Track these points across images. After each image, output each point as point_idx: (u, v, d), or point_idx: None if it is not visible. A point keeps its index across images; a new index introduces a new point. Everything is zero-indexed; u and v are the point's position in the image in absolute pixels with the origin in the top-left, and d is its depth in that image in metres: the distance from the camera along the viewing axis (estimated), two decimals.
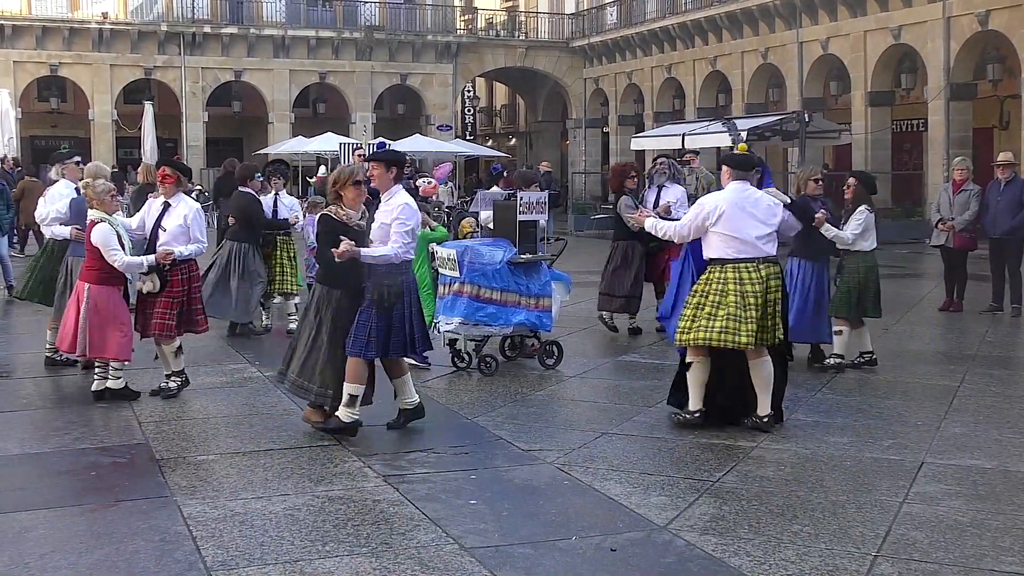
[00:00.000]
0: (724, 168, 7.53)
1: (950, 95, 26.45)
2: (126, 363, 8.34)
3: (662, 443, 7.13)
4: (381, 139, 33.24)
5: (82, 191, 8.68)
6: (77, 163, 10.82)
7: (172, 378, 8.51)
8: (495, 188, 12.05)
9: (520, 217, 9.51)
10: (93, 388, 8.34)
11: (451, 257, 9.42)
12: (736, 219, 7.28)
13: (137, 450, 6.98)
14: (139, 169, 9.09)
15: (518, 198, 9.70)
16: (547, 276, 9.66)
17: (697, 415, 7.39)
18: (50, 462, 6.73)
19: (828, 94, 31.81)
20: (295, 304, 11.85)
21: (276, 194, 11.99)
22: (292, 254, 12.21)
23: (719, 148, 29.88)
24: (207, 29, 37.90)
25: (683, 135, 27.09)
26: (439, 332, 9.44)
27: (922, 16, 27.03)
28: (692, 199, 16.57)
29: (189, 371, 8.72)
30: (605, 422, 7.68)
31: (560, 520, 5.59)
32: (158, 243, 8.33)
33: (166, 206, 8.44)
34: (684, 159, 17.59)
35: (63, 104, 40.20)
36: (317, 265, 15.22)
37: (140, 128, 34.22)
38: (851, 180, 9.90)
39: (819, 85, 31.59)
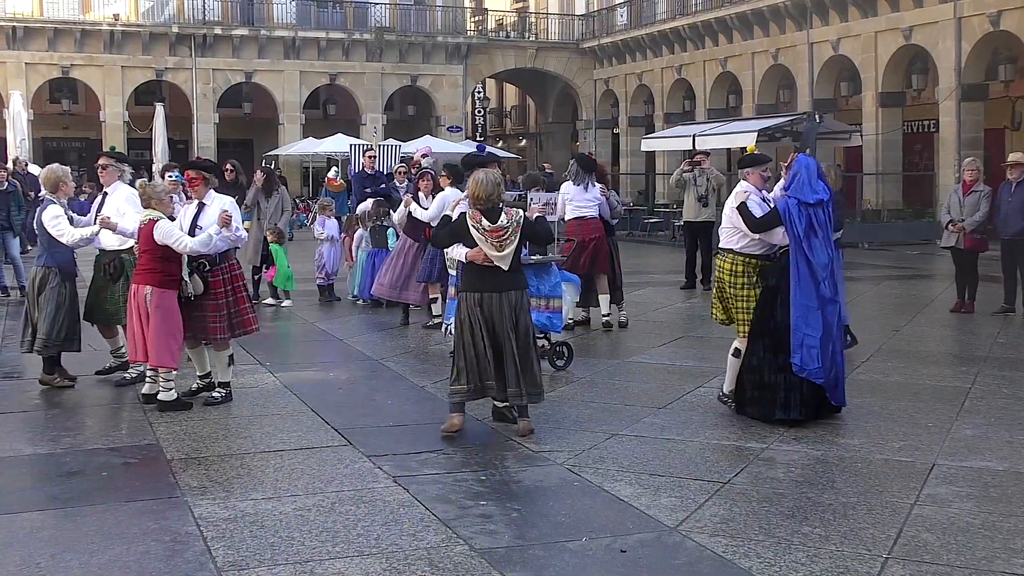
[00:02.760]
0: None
1: (961, 96, 26.36)
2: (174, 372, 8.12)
3: (672, 444, 7.12)
4: (392, 140, 33.40)
5: (139, 192, 8.42)
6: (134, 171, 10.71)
7: (219, 388, 8.35)
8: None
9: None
10: (145, 391, 8.23)
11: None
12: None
13: (148, 450, 7.00)
14: (137, 184, 8.96)
15: (528, 199, 9.69)
16: (557, 277, 9.65)
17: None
18: (61, 462, 6.75)
19: (839, 95, 31.75)
20: None
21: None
22: None
23: (729, 149, 29.92)
24: (218, 31, 37.98)
25: (694, 136, 27.07)
26: (450, 333, 9.43)
27: (933, 16, 26.95)
28: (703, 200, 16.69)
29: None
30: (615, 423, 7.67)
31: (570, 521, 5.59)
32: None
33: (201, 206, 8.39)
34: (695, 160, 17.56)
35: (75, 106, 40.30)
36: (327, 265, 15.26)
37: (151, 130, 34.41)
38: None
39: (830, 86, 31.52)
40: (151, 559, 5.01)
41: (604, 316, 11.94)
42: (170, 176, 10.50)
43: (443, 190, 11.25)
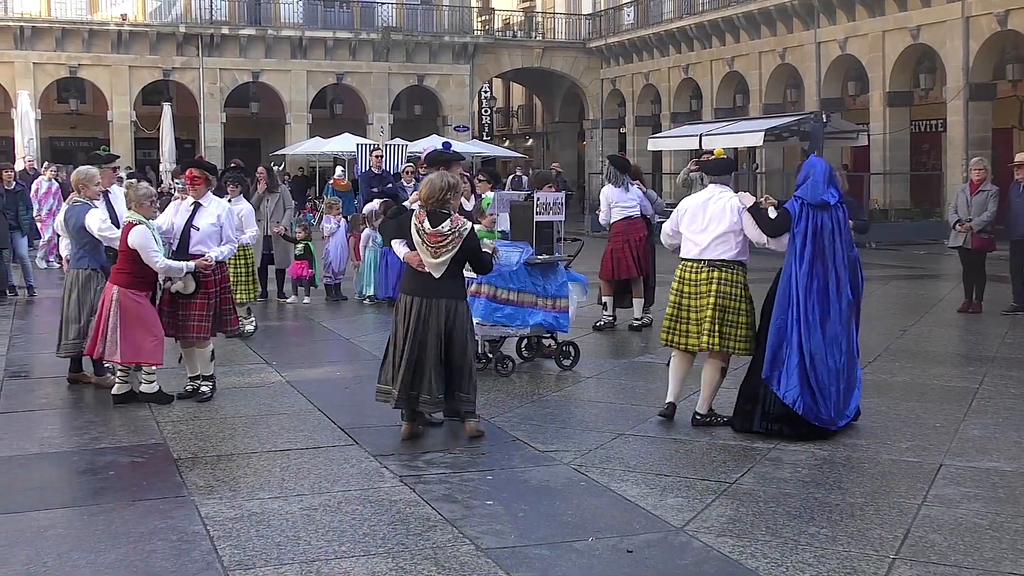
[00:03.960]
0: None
1: (969, 95, 26.30)
2: (157, 367, 8.26)
3: (679, 444, 7.11)
4: (399, 139, 33.42)
5: (123, 192, 8.48)
6: (115, 168, 10.55)
7: (205, 381, 8.48)
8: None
9: (537, 218, 9.51)
10: (115, 392, 8.27)
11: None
12: (692, 219, 7.51)
13: (155, 450, 7.01)
14: (124, 184, 8.96)
15: (535, 199, 9.69)
16: (564, 277, 9.66)
17: (667, 408, 7.68)
18: (68, 462, 6.77)
19: (846, 94, 31.68)
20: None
21: (229, 200, 11.07)
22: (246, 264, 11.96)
23: (736, 149, 29.88)
24: (225, 30, 38.02)
25: (700, 135, 27.04)
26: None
27: (941, 16, 26.89)
28: None
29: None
30: (622, 423, 7.66)
31: (576, 521, 5.58)
32: (191, 243, 8.37)
33: (197, 206, 8.47)
34: (702, 159, 17.54)
35: (82, 105, 40.41)
36: (333, 267, 15.26)
37: (159, 129, 34.47)
38: None
39: (837, 85, 31.46)
40: (158, 558, 5.01)
41: (636, 319, 11.97)
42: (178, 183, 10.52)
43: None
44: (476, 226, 10.99)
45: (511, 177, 30.90)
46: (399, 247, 7.31)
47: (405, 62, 40.21)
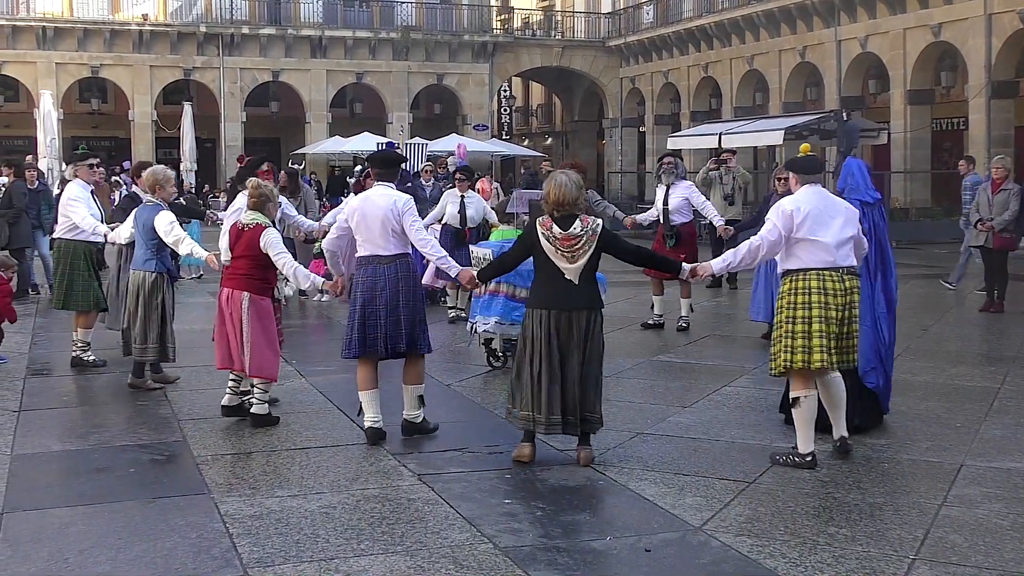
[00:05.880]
0: (791, 174, 6.97)
1: (991, 93, 26.15)
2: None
3: (697, 444, 7.09)
4: (418, 139, 33.47)
5: (247, 193, 7.72)
6: (91, 165, 10.24)
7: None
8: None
9: None
10: (225, 403, 7.72)
11: (486, 257, 9.43)
12: (818, 224, 6.55)
13: (175, 447, 7.05)
14: (249, 183, 8.48)
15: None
16: None
17: (810, 458, 6.49)
18: (89, 459, 6.81)
19: (867, 93, 31.56)
20: None
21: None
22: None
23: (755, 147, 29.79)
24: (245, 30, 38.19)
25: (720, 134, 26.97)
26: (475, 332, 9.46)
27: (963, 13, 26.75)
28: (729, 199, 16.64)
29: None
30: (640, 422, 7.65)
31: (594, 520, 5.58)
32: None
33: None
34: (721, 158, 17.53)
35: (104, 105, 40.69)
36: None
37: (179, 128, 34.68)
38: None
39: (858, 84, 31.33)
40: (178, 555, 5.04)
41: (682, 318, 11.98)
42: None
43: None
44: (503, 226, 11.06)
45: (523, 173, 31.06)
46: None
47: (424, 61, 40.29)
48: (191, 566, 4.92)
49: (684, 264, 7.12)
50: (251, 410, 7.54)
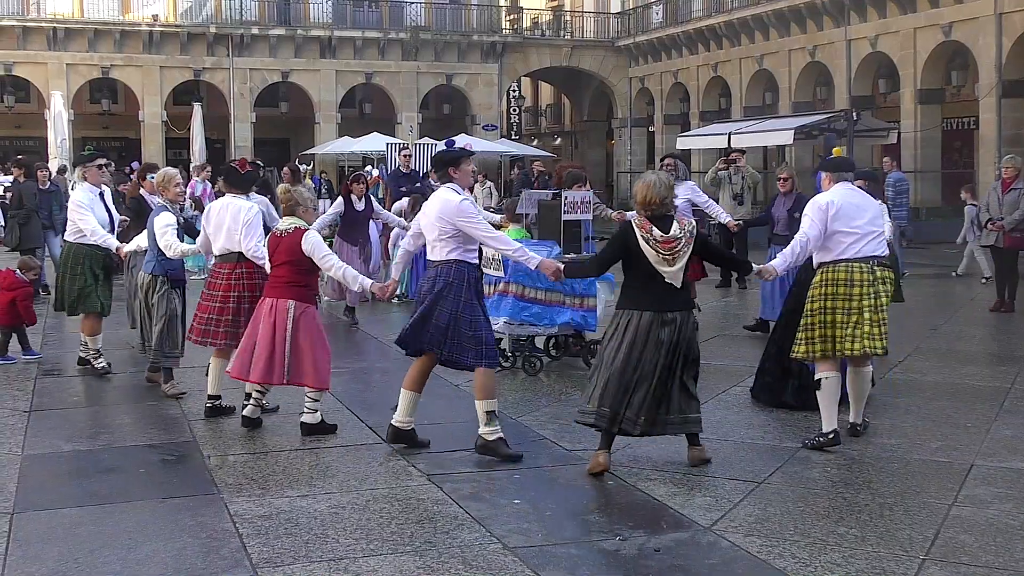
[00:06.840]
0: (823, 174, 7.37)
1: (1002, 92, 26.06)
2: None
3: (707, 444, 7.06)
4: (428, 139, 33.47)
5: (281, 197, 7.56)
6: (100, 167, 9.94)
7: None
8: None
9: (564, 217, 9.50)
10: (246, 414, 7.54)
11: (495, 257, 9.42)
12: (849, 217, 6.96)
13: (185, 448, 7.07)
14: (279, 189, 8.28)
15: (563, 197, 9.69)
16: None
17: (832, 435, 6.86)
18: (99, 459, 6.83)
19: (877, 92, 31.47)
20: None
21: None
22: None
23: (765, 147, 29.73)
24: (255, 31, 38.25)
25: (729, 134, 26.93)
26: None
27: (973, 12, 26.67)
28: (738, 199, 16.62)
29: None
30: None
31: (604, 520, 5.58)
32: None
33: None
34: (731, 158, 17.51)
35: (114, 106, 40.78)
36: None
37: (189, 129, 34.68)
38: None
39: (868, 83, 31.26)
40: (187, 555, 5.05)
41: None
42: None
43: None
44: (513, 225, 11.02)
45: (519, 173, 31.10)
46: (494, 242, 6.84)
47: (434, 61, 40.31)
48: (201, 566, 4.93)
49: (754, 265, 7.24)
50: (302, 419, 7.33)
